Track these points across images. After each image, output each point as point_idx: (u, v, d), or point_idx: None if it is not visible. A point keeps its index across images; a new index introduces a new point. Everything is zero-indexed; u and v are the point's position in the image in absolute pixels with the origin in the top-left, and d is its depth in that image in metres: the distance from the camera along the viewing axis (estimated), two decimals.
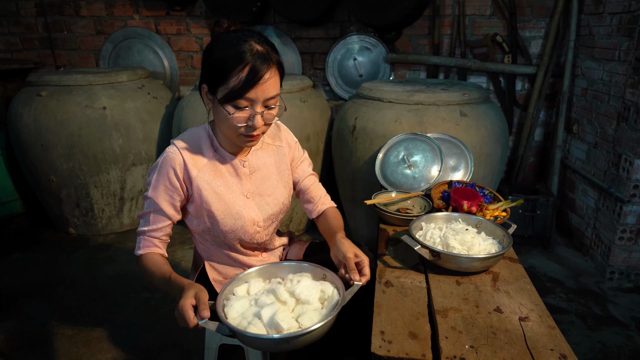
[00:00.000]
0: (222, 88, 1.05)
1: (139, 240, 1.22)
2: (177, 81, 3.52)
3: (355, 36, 3.09)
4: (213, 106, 1.12)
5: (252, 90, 1.04)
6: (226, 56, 1.04)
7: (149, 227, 1.20)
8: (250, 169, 1.25)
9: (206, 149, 1.20)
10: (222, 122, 1.11)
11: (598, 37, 2.53)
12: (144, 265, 1.18)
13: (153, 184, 1.17)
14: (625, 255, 2.31)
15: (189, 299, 0.96)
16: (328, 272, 1.13)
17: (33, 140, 2.61)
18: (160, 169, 1.17)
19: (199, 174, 1.18)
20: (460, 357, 0.98)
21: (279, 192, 1.32)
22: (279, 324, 0.96)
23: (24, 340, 1.89)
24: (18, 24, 3.51)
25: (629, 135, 2.20)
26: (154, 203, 1.18)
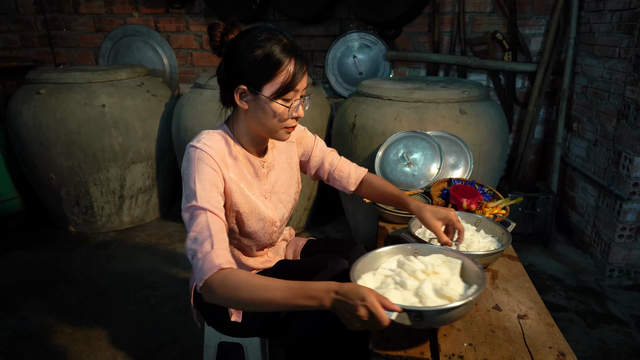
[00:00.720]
0: (270, 84, 1.06)
1: (207, 257, 0.97)
2: (177, 79, 3.51)
3: (355, 34, 3.08)
4: (253, 106, 1.10)
5: (300, 81, 1.09)
6: (271, 52, 1.05)
7: (214, 234, 1.00)
8: (267, 169, 1.25)
9: (228, 150, 1.16)
10: (268, 118, 1.10)
11: (598, 34, 2.53)
12: (239, 279, 0.94)
13: (199, 189, 1.04)
14: (625, 253, 2.30)
15: (372, 297, 0.85)
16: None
17: (32, 138, 2.61)
18: (200, 173, 1.06)
19: (229, 174, 1.14)
20: (458, 355, 0.98)
21: (292, 189, 1.33)
22: (450, 294, 0.97)
23: (23, 338, 1.89)
24: (17, 22, 3.50)
25: (629, 133, 2.20)
26: (206, 203, 1.03)
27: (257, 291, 0.92)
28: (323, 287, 0.90)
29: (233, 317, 1.25)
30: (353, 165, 1.43)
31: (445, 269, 1.09)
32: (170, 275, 2.38)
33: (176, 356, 1.79)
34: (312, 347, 1.18)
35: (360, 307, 0.85)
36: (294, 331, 1.16)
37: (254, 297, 0.92)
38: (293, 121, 1.14)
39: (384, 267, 1.14)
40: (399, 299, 0.98)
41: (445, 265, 1.10)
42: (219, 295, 0.94)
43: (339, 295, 0.88)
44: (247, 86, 1.08)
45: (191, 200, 1.03)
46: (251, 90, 1.08)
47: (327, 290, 0.89)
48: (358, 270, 1.08)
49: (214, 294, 0.95)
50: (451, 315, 0.95)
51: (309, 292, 0.90)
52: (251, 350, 1.46)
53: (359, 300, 0.85)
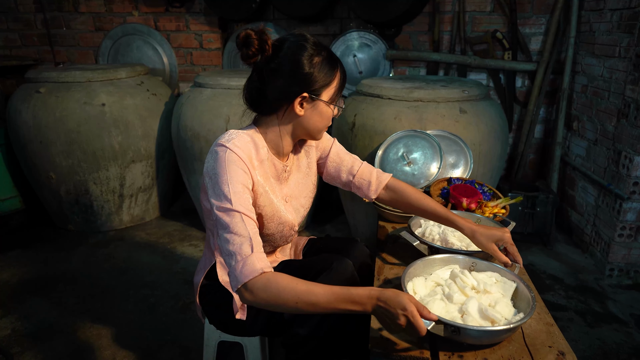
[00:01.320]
0: (328, 89, 1.11)
1: (247, 260, 0.98)
2: (177, 78, 3.51)
3: (354, 33, 3.08)
4: (310, 111, 1.12)
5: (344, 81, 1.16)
6: (328, 60, 1.10)
7: (253, 237, 1.02)
8: (288, 173, 1.26)
9: (257, 153, 1.15)
10: (323, 121, 1.15)
11: (598, 33, 2.52)
12: (283, 282, 0.97)
13: (231, 192, 1.04)
14: (624, 252, 2.30)
15: (412, 307, 0.90)
16: (477, 260, 1.18)
17: (32, 136, 2.61)
18: (231, 174, 1.05)
19: (257, 176, 1.13)
20: (458, 354, 0.98)
21: (310, 192, 1.35)
22: (494, 316, 0.98)
23: (23, 337, 1.89)
24: (17, 21, 3.50)
25: (629, 132, 2.20)
26: (240, 206, 1.03)
27: (301, 295, 0.96)
28: (366, 293, 0.95)
29: (238, 315, 1.25)
30: (375, 171, 1.38)
31: (498, 289, 1.10)
32: (170, 274, 2.38)
33: (176, 355, 1.79)
34: (313, 347, 1.18)
35: (401, 315, 0.91)
36: (298, 330, 1.16)
37: (298, 300, 0.96)
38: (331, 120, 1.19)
39: (437, 274, 1.16)
40: (442, 312, 1.01)
41: (498, 286, 1.11)
42: (261, 297, 0.97)
43: (380, 301, 0.93)
44: (309, 93, 1.09)
45: (225, 202, 1.03)
46: (312, 97, 1.10)
47: (370, 297, 0.94)
48: (410, 273, 1.11)
49: (256, 296, 0.97)
50: (488, 338, 0.97)
51: (352, 298, 0.95)
52: (251, 349, 1.46)
53: (400, 309, 0.91)
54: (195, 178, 2.65)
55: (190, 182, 2.75)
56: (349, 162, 1.36)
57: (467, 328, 0.93)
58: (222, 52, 3.41)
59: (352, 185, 1.37)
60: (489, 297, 1.06)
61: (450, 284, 1.10)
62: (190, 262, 2.51)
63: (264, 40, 1.05)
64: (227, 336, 1.47)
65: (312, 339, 1.17)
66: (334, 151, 1.36)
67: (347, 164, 1.36)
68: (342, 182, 1.38)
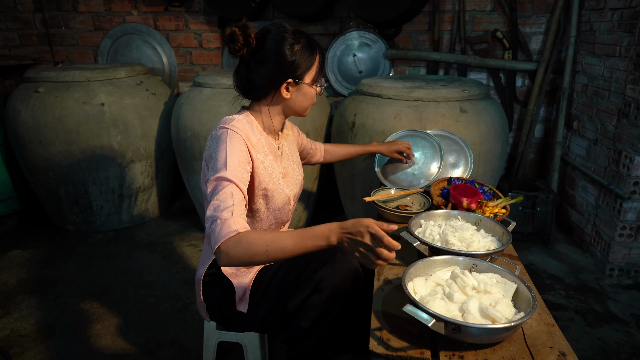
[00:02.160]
0: (310, 72, 1.24)
1: (225, 222, 1.02)
2: (176, 77, 3.50)
3: (354, 32, 3.07)
4: (295, 94, 1.25)
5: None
6: (307, 46, 1.21)
7: (235, 204, 1.06)
8: (281, 151, 1.38)
9: (253, 131, 1.25)
10: (307, 101, 1.29)
11: (599, 32, 2.52)
12: (252, 235, 1.01)
13: (226, 161, 1.11)
14: (625, 252, 2.30)
15: (372, 221, 0.95)
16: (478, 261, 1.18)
17: (31, 136, 2.60)
18: (231, 149, 1.13)
19: (256, 153, 1.23)
20: (459, 355, 0.97)
21: (297, 173, 1.45)
22: (495, 315, 0.97)
23: (22, 338, 1.89)
24: (16, 20, 3.49)
25: (629, 132, 2.19)
26: (234, 177, 1.09)
27: (269, 243, 1.00)
28: (326, 227, 1.00)
29: (239, 307, 1.27)
30: (318, 143, 1.76)
31: (498, 289, 1.10)
32: (169, 274, 2.37)
33: (176, 355, 1.79)
34: (314, 342, 1.18)
35: (365, 234, 0.94)
36: (300, 323, 1.18)
37: (267, 248, 1.00)
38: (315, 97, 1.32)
39: (437, 274, 1.16)
40: (442, 310, 1.01)
41: (498, 286, 1.11)
42: (234, 255, 1.00)
43: (342, 229, 0.98)
44: (293, 79, 1.22)
45: (220, 171, 1.10)
46: (296, 81, 1.23)
47: (330, 229, 0.99)
48: (411, 273, 1.11)
49: (230, 254, 1.01)
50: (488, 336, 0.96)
51: (315, 233, 1.00)
52: (250, 349, 1.46)
53: (362, 228, 0.94)
54: (194, 178, 2.65)
55: (189, 181, 2.75)
56: (308, 144, 1.71)
57: (467, 326, 0.93)
58: (221, 51, 3.40)
59: (306, 156, 1.72)
60: (489, 297, 1.06)
61: (451, 284, 1.10)
62: (189, 262, 2.50)
63: (247, 34, 1.16)
64: (227, 336, 1.47)
65: (314, 332, 1.18)
66: (303, 137, 1.67)
67: (308, 145, 1.71)
68: (306, 158, 1.72)
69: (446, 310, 1.02)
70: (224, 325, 1.38)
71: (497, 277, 1.14)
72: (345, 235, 0.97)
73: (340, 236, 0.98)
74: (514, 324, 0.94)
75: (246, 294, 1.27)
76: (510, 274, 1.15)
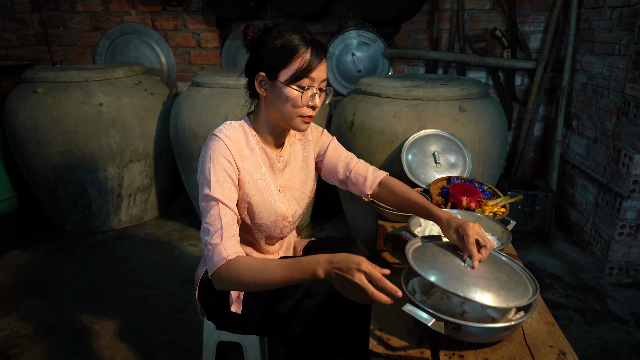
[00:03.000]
0: (286, 70, 1.11)
1: (215, 249, 1.04)
2: (174, 77, 3.49)
3: (353, 31, 3.07)
4: (270, 92, 1.15)
5: (315, 69, 1.11)
6: (290, 40, 1.10)
7: (224, 226, 1.06)
8: (283, 164, 1.28)
9: (246, 142, 1.20)
10: (283, 105, 1.14)
11: (598, 31, 2.51)
12: (242, 265, 1.02)
13: (212, 180, 1.10)
14: (624, 250, 2.30)
15: (365, 261, 0.89)
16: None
17: (29, 137, 2.60)
18: (215, 163, 1.12)
19: (244, 165, 1.18)
20: (459, 354, 0.97)
21: (307, 186, 1.35)
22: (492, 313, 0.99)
23: (21, 338, 1.88)
24: (13, 20, 3.48)
25: (628, 130, 2.19)
26: (219, 195, 1.09)
27: (257, 274, 1.00)
28: (315, 259, 0.95)
29: (233, 308, 1.25)
30: (371, 168, 1.39)
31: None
32: (168, 274, 2.37)
33: (175, 356, 1.78)
34: (313, 345, 1.18)
35: (355, 272, 0.89)
36: (294, 326, 1.17)
37: (255, 280, 1.00)
38: (309, 110, 1.15)
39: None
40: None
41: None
42: (226, 283, 1.04)
43: (332, 264, 0.93)
44: (265, 73, 1.13)
45: (205, 189, 1.10)
46: (268, 76, 1.13)
47: (319, 262, 0.94)
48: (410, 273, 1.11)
49: (223, 282, 1.04)
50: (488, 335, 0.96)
51: (303, 266, 0.96)
52: (250, 349, 1.45)
53: (353, 265, 0.90)
54: (193, 177, 2.64)
55: (188, 181, 2.74)
56: (345, 159, 1.39)
57: (467, 325, 0.93)
58: (220, 51, 3.39)
59: (348, 182, 1.39)
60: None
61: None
62: (189, 262, 2.50)
63: (256, 31, 1.15)
64: (227, 336, 1.46)
65: (309, 336, 1.17)
66: (332, 147, 1.39)
67: (344, 160, 1.38)
68: (339, 179, 1.40)
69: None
70: (220, 326, 1.38)
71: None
72: (333, 270, 0.92)
73: (329, 270, 0.93)
74: (513, 323, 0.93)
75: (240, 296, 1.26)
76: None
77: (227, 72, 2.80)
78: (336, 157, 1.38)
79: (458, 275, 1.00)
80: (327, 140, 1.39)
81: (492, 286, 0.99)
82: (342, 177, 1.38)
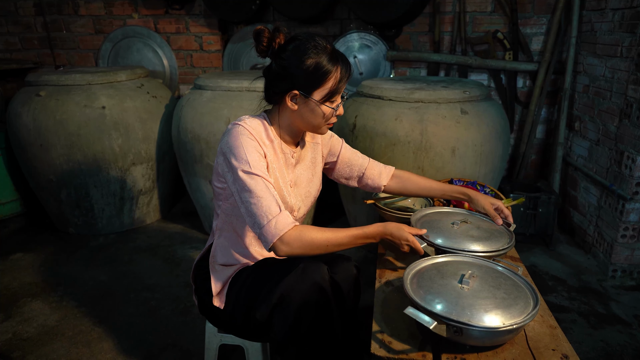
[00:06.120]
0: (320, 90, 1.19)
1: (280, 217, 1.12)
2: (177, 80, 3.51)
3: (355, 34, 3.07)
4: (302, 107, 1.21)
5: (344, 86, 1.22)
6: (320, 62, 1.16)
7: (278, 200, 1.14)
8: (295, 160, 1.35)
9: (267, 134, 1.26)
10: (316, 119, 1.23)
11: (600, 33, 2.51)
12: (313, 230, 1.16)
13: (246, 155, 1.15)
14: (627, 253, 2.29)
15: (411, 236, 1.21)
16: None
17: (32, 140, 2.61)
18: (247, 146, 1.17)
19: (266, 152, 1.23)
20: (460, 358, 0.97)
21: (313, 185, 1.42)
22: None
23: (24, 341, 1.89)
24: (17, 24, 3.50)
25: (631, 132, 2.19)
26: (260, 172, 1.15)
27: (330, 238, 1.17)
28: (375, 230, 1.22)
29: (215, 302, 1.30)
30: (382, 164, 1.56)
31: None
32: (171, 277, 2.37)
33: (177, 358, 1.78)
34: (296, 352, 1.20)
35: (404, 245, 1.22)
36: (277, 332, 1.20)
37: (328, 242, 1.17)
38: (334, 118, 1.27)
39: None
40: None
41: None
42: (297, 246, 1.13)
43: (386, 235, 1.22)
44: (300, 91, 1.19)
45: (246, 165, 1.14)
46: (302, 94, 1.19)
47: (377, 233, 1.22)
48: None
49: (292, 246, 1.12)
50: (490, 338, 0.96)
51: (366, 235, 1.22)
52: (252, 352, 1.45)
53: (403, 240, 1.22)
54: (196, 180, 2.65)
55: (191, 184, 2.74)
56: (358, 162, 1.52)
57: (469, 328, 0.92)
58: (222, 54, 3.40)
59: (365, 178, 1.54)
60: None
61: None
62: (191, 265, 2.50)
63: (273, 37, 1.18)
64: (228, 339, 1.46)
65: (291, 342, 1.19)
66: (345, 149, 1.51)
67: (358, 164, 1.52)
68: (356, 177, 1.55)
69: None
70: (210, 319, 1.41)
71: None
72: (387, 238, 1.22)
73: (384, 237, 1.22)
74: (516, 326, 0.93)
75: (224, 290, 1.31)
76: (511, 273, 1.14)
77: (229, 75, 2.81)
78: (350, 165, 1.52)
79: (453, 298, 1.01)
80: (338, 143, 1.50)
81: (489, 306, 0.98)
82: (359, 174, 1.53)
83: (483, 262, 1.19)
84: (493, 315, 0.96)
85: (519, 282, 1.11)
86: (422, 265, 1.18)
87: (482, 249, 1.26)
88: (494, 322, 0.95)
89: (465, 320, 0.93)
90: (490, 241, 1.30)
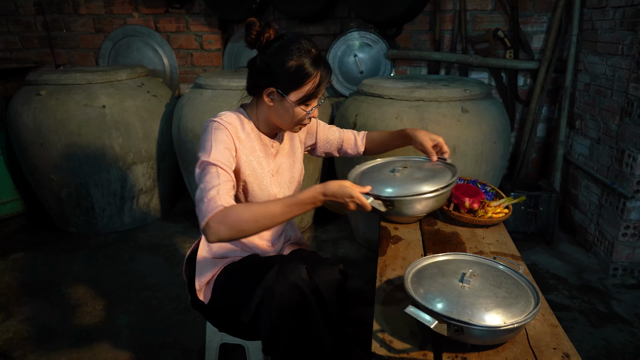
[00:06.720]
0: (297, 92, 1.20)
1: (211, 200, 1.07)
2: (177, 79, 3.50)
3: (355, 32, 3.07)
4: (277, 104, 1.23)
5: (322, 91, 1.24)
6: (302, 64, 1.17)
7: (221, 184, 1.11)
8: (275, 150, 1.38)
9: (243, 127, 1.28)
10: (288, 117, 1.24)
11: (601, 31, 2.51)
12: (240, 207, 1.07)
13: (211, 147, 1.16)
14: (628, 251, 2.29)
15: (355, 192, 1.09)
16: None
17: (33, 139, 2.61)
18: (215, 140, 1.18)
19: (240, 145, 1.26)
20: (462, 357, 0.97)
21: (296, 170, 1.45)
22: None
23: (24, 340, 1.89)
24: (17, 23, 3.50)
25: (632, 131, 2.18)
26: (217, 161, 1.14)
27: (258, 211, 1.07)
28: (311, 195, 1.10)
29: (200, 296, 1.33)
30: (354, 132, 1.60)
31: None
32: (171, 276, 2.37)
33: (178, 357, 1.78)
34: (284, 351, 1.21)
35: (349, 203, 1.10)
36: (263, 332, 1.21)
37: (257, 217, 1.06)
38: (307, 120, 1.28)
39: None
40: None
41: None
42: (223, 228, 1.05)
43: (327, 196, 1.10)
44: (277, 89, 1.21)
45: (205, 156, 1.15)
46: (279, 93, 1.21)
47: (315, 196, 1.10)
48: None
49: (219, 229, 1.05)
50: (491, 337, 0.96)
51: (302, 201, 1.09)
52: (253, 351, 1.45)
53: (347, 198, 1.09)
54: None
55: (191, 183, 2.74)
56: (335, 135, 1.56)
57: (470, 327, 0.92)
58: (222, 52, 3.40)
59: (344, 147, 1.58)
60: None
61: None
62: None
63: (262, 32, 1.20)
64: (229, 338, 1.46)
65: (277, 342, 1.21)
66: (322, 133, 1.54)
67: (335, 138, 1.56)
68: (336, 148, 1.59)
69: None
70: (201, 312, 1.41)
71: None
72: (328, 199, 1.10)
73: (324, 199, 1.10)
74: (517, 325, 0.93)
75: (209, 286, 1.33)
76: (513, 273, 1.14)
77: (229, 73, 2.81)
78: (327, 134, 1.55)
79: (454, 297, 1.01)
80: (313, 124, 1.52)
81: (490, 305, 0.98)
82: (338, 146, 1.57)
83: (484, 261, 1.19)
84: (494, 314, 0.96)
85: (520, 280, 1.10)
86: (422, 264, 1.18)
87: (432, 187, 1.24)
88: (495, 321, 0.94)
89: (466, 319, 0.93)
90: (437, 179, 1.30)
